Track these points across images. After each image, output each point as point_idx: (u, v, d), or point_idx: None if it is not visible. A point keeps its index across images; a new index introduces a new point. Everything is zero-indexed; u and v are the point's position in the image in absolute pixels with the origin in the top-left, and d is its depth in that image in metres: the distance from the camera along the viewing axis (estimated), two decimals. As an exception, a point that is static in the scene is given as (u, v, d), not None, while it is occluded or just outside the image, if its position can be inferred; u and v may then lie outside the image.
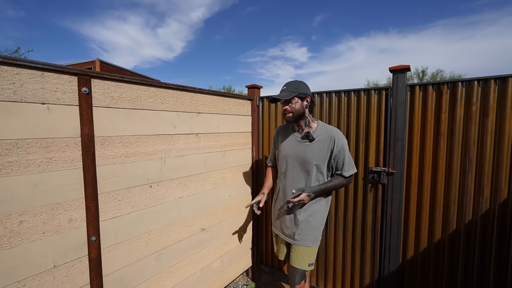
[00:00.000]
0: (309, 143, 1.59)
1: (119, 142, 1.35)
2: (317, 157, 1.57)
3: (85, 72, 1.21)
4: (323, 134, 1.58)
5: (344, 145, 1.57)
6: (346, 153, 1.58)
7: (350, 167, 1.60)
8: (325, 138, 1.57)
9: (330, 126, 1.65)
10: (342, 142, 1.57)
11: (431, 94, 1.69)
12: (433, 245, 1.73)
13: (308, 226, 1.61)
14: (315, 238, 1.63)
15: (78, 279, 1.21)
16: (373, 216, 1.92)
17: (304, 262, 1.62)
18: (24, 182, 1.02)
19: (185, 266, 1.76)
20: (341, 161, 1.57)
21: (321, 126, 1.62)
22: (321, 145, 1.57)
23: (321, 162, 1.57)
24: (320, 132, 1.59)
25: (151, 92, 1.50)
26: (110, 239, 1.33)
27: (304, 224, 1.61)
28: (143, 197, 1.47)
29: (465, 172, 1.61)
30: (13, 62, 0.98)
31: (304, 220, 1.61)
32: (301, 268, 1.63)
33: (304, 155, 1.59)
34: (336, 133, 1.58)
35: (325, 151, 1.56)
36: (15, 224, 1.01)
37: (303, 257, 1.62)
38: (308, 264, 1.63)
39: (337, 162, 1.58)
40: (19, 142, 1.01)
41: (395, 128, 1.79)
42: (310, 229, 1.62)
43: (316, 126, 1.62)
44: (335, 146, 1.55)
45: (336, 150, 1.55)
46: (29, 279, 1.05)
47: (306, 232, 1.61)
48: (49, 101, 1.09)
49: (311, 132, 1.59)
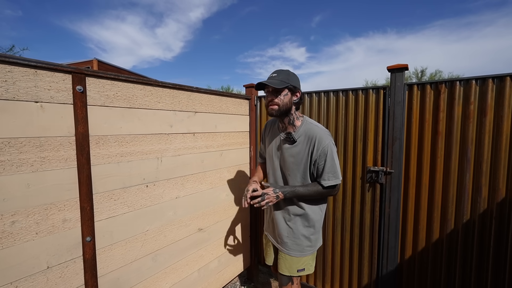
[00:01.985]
0: (290, 145, 1.42)
1: (115, 141, 1.33)
2: (298, 162, 1.40)
3: (79, 70, 1.19)
4: (305, 134, 1.39)
5: (327, 148, 1.34)
6: (328, 159, 1.34)
7: (331, 176, 1.36)
8: (306, 139, 1.38)
9: (316, 125, 1.42)
10: (324, 146, 1.34)
11: (429, 93, 1.69)
12: (431, 244, 1.73)
13: (295, 235, 1.47)
14: (303, 248, 1.47)
15: (73, 280, 1.19)
16: (371, 216, 1.92)
17: (292, 269, 1.50)
18: (17, 181, 1.01)
19: (182, 267, 1.75)
20: (321, 167, 1.36)
21: (305, 124, 1.42)
22: (301, 148, 1.39)
23: (302, 166, 1.40)
24: (302, 132, 1.40)
25: (147, 91, 1.48)
26: (105, 239, 1.31)
27: (290, 232, 1.48)
28: (139, 197, 1.46)
29: (463, 171, 1.61)
30: (5, 60, 0.97)
31: (291, 228, 1.47)
32: (289, 275, 1.52)
33: (285, 158, 1.45)
34: (319, 134, 1.36)
35: (305, 155, 1.38)
36: (7, 225, 0.99)
37: (290, 265, 1.50)
38: (297, 270, 1.50)
39: (317, 168, 1.38)
40: (11, 141, 0.99)
41: (393, 127, 1.79)
42: (297, 239, 1.47)
43: (300, 125, 1.42)
44: (315, 149, 1.35)
45: (316, 154, 1.35)
46: (22, 280, 1.03)
47: (294, 242, 1.48)
48: (42, 99, 1.07)
49: (293, 133, 1.41)
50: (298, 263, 1.50)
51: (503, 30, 35.03)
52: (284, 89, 1.35)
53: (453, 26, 42.37)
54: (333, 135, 2.03)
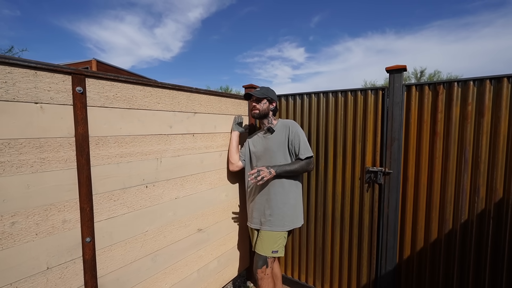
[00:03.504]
0: (271, 135, 1.87)
1: (114, 142, 1.34)
2: (278, 145, 1.83)
3: (79, 71, 1.19)
4: (281, 125, 1.88)
5: (298, 131, 1.82)
6: (301, 138, 1.80)
7: (306, 150, 1.79)
8: (282, 128, 1.86)
9: (288, 119, 1.96)
10: (296, 129, 1.82)
11: (427, 94, 1.70)
12: (430, 245, 1.74)
13: (279, 211, 1.80)
14: (283, 223, 1.81)
15: (72, 281, 1.19)
16: (370, 216, 1.93)
17: (267, 249, 1.78)
18: (17, 182, 1.01)
19: (182, 267, 1.75)
20: (297, 145, 1.79)
21: (280, 121, 1.93)
22: (280, 135, 1.85)
23: (281, 148, 1.83)
24: (278, 125, 1.90)
25: (147, 92, 1.48)
26: (105, 240, 1.31)
27: (272, 209, 1.80)
28: (139, 197, 1.46)
29: (461, 172, 1.62)
30: (4, 61, 0.97)
31: (276, 207, 1.80)
32: (264, 255, 1.78)
33: (269, 146, 1.86)
34: (290, 122, 1.87)
35: (284, 138, 1.83)
36: (7, 226, 0.99)
37: (267, 244, 1.78)
38: (272, 251, 1.78)
39: (294, 147, 1.81)
40: (11, 142, 0.99)
41: (391, 128, 1.80)
42: (281, 215, 1.80)
43: (277, 122, 1.92)
44: (290, 132, 1.82)
45: (292, 136, 1.81)
46: (22, 281, 1.03)
47: (277, 218, 1.80)
48: (42, 100, 1.07)
49: (272, 126, 1.89)
50: (274, 243, 1.79)
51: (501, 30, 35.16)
52: (263, 99, 1.85)
53: (452, 26, 42.48)
54: (332, 135, 2.05)
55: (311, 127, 2.14)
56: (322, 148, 2.09)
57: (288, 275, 2.36)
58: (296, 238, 2.28)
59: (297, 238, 2.27)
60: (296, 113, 2.20)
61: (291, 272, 2.35)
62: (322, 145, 2.09)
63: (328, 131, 2.05)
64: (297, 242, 2.27)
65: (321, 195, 2.12)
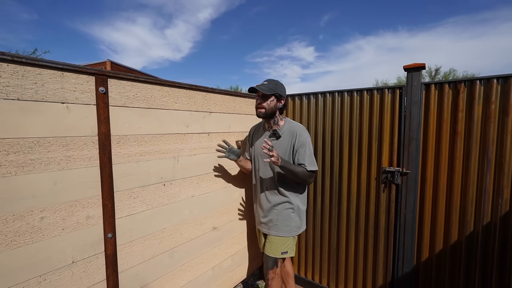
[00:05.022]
0: (276, 140, 1.69)
1: (134, 141, 1.37)
2: (283, 152, 1.65)
3: (102, 72, 1.23)
4: (288, 130, 1.68)
5: (306, 141, 1.64)
6: (307, 150, 1.63)
7: (311, 164, 1.64)
8: (288, 134, 1.67)
9: (296, 123, 1.74)
10: (304, 138, 1.64)
11: (448, 93, 1.65)
12: (449, 247, 1.69)
13: (287, 217, 1.70)
14: (290, 229, 1.71)
15: (95, 275, 1.23)
16: (387, 217, 1.89)
17: (277, 250, 1.71)
18: (45, 179, 1.05)
19: (197, 265, 1.78)
20: (303, 155, 1.62)
21: (287, 123, 1.73)
22: (285, 141, 1.67)
23: (286, 157, 1.66)
24: (285, 129, 1.70)
25: (165, 92, 1.51)
26: (125, 236, 1.35)
27: (278, 215, 1.70)
28: (157, 195, 1.49)
29: (483, 172, 1.57)
30: (35, 63, 1.01)
31: (279, 211, 1.70)
32: (274, 256, 1.71)
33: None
34: (298, 129, 1.67)
35: (288, 146, 1.66)
36: (36, 220, 1.03)
37: (276, 247, 1.71)
38: (281, 252, 1.71)
39: (299, 157, 1.64)
40: (40, 140, 1.03)
41: (409, 127, 1.76)
42: (288, 220, 1.70)
43: (283, 124, 1.72)
44: (296, 141, 1.63)
45: (298, 145, 1.63)
46: (50, 273, 1.08)
47: (284, 223, 1.70)
48: (68, 100, 1.11)
49: (278, 130, 1.69)
50: (283, 245, 1.71)
51: (521, 26, 33.70)
52: (271, 95, 1.62)
53: (467, 23, 40.99)
54: (347, 135, 2.02)
55: (325, 126, 2.12)
56: (336, 148, 2.07)
57: (301, 275, 2.35)
58: (310, 238, 2.26)
59: (311, 238, 2.26)
60: (310, 112, 2.19)
61: (304, 272, 2.34)
62: (337, 145, 2.07)
63: (343, 130, 2.03)
64: (310, 242, 2.26)
65: (336, 195, 2.10)
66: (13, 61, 0.96)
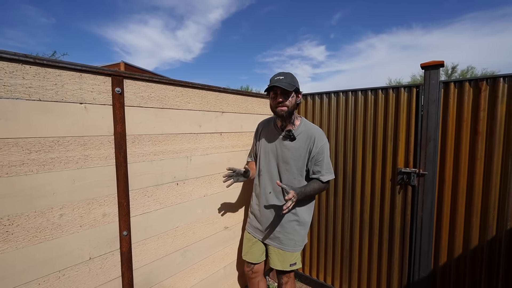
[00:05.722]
0: (290, 142, 1.52)
1: (149, 140, 1.39)
2: (296, 157, 1.50)
3: (118, 73, 1.26)
4: (304, 133, 1.51)
5: (324, 147, 1.49)
6: (326, 156, 1.49)
7: (328, 172, 1.51)
8: (305, 137, 1.50)
9: (313, 125, 1.57)
10: (323, 144, 1.48)
11: (468, 91, 1.59)
12: (469, 252, 1.62)
13: (291, 231, 1.56)
14: (294, 243, 1.57)
15: (111, 271, 1.26)
16: (402, 219, 1.84)
17: (285, 263, 1.58)
18: (64, 177, 1.08)
19: (209, 264, 1.79)
20: (320, 163, 1.49)
21: (304, 124, 1.55)
22: (301, 145, 1.50)
23: (300, 163, 1.50)
24: (301, 130, 1.52)
25: (178, 92, 1.53)
26: (140, 234, 1.37)
27: (281, 227, 1.56)
28: (170, 194, 1.51)
29: (507, 174, 1.50)
30: (55, 64, 1.04)
31: (288, 224, 1.55)
32: (282, 269, 1.59)
33: (284, 155, 1.53)
34: (317, 133, 1.50)
35: (304, 151, 1.49)
36: (56, 217, 1.07)
37: (283, 259, 1.58)
38: (290, 265, 1.58)
39: (314, 164, 1.49)
40: (60, 139, 1.07)
41: (426, 127, 1.70)
42: (292, 234, 1.56)
43: (299, 124, 1.54)
44: (314, 146, 1.47)
45: (315, 151, 1.47)
46: (68, 269, 1.11)
47: (288, 237, 1.56)
48: (86, 100, 1.14)
49: (293, 131, 1.52)
50: (291, 257, 1.58)
51: (545, 21, 32.01)
52: (291, 91, 1.44)
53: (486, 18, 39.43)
54: (360, 135, 1.98)
55: (338, 126, 2.08)
56: (349, 148, 2.03)
57: (313, 276, 2.32)
58: (322, 239, 2.23)
59: (323, 239, 2.22)
60: (323, 112, 2.16)
61: (316, 273, 2.31)
62: (350, 145, 2.03)
63: (356, 130, 1.99)
64: (323, 243, 2.23)
65: (349, 196, 2.06)
66: (35, 63, 0.99)
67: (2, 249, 0.94)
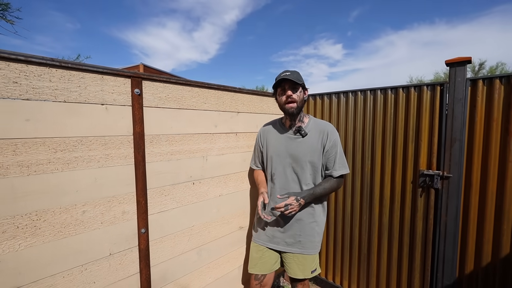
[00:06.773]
0: (302, 138, 1.48)
1: (166, 140, 1.42)
2: (311, 153, 1.46)
3: (137, 74, 1.29)
4: (315, 128, 1.49)
5: (337, 140, 1.48)
6: (339, 150, 1.48)
7: (342, 166, 1.48)
8: (317, 132, 1.48)
9: (323, 120, 1.58)
10: (335, 138, 1.47)
11: (498, 89, 1.49)
12: (499, 261, 1.52)
13: (311, 232, 1.51)
14: (315, 245, 1.53)
15: (130, 267, 1.30)
16: (424, 224, 1.76)
17: (306, 270, 1.51)
18: (87, 175, 1.13)
19: (224, 263, 1.80)
20: (332, 158, 1.46)
21: (313, 120, 1.54)
22: (313, 140, 1.47)
23: (315, 158, 1.46)
24: (312, 126, 1.50)
25: (195, 92, 1.55)
26: (157, 232, 1.40)
27: (302, 230, 1.50)
28: (186, 193, 1.53)
29: (543, 178, 1.39)
30: (79, 67, 1.09)
31: (309, 226, 1.50)
32: (304, 278, 1.52)
33: (297, 152, 1.48)
34: (329, 127, 1.49)
35: (318, 146, 1.46)
36: (79, 214, 1.11)
37: (304, 266, 1.51)
38: (311, 272, 1.52)
39: (327, 159, 1.47)
40: (82, 139, 1.11)
41: (451, 127, 1.62)
42: (312, 236, 1.51)
43: (308, 121, 1.53)
44: (327, 140, 1.45)
45: (328, 145, 1.45)
46: (90, 264, 1.16)
47: (309, 239, 1.51)
48: (107, 102, 1.18)
49: (303, 127, 1.49)
50: (312, 263, 1.53)
51: None
52: (300, 86, 1.43)
53: (518, 11, 36.82)
54: (380, 135, 1.92)
55: (356, 126, 2.03)
56: (368, 149, 1.97)
57: (329, 280, 2.27)
58: (338, 243, 2.18)
59: (340, 241, 2.17)
60: (340, 112, 2.11)
61: (332, 276, 2.26)
62: (368, 145, 1.97)
63: (375, 130, 1.93)
64: (339, 246, 2.18)
65: (367, 198, 2.00)
66: (60, 66, 1.04)
67: (31, 242, 1.00)
